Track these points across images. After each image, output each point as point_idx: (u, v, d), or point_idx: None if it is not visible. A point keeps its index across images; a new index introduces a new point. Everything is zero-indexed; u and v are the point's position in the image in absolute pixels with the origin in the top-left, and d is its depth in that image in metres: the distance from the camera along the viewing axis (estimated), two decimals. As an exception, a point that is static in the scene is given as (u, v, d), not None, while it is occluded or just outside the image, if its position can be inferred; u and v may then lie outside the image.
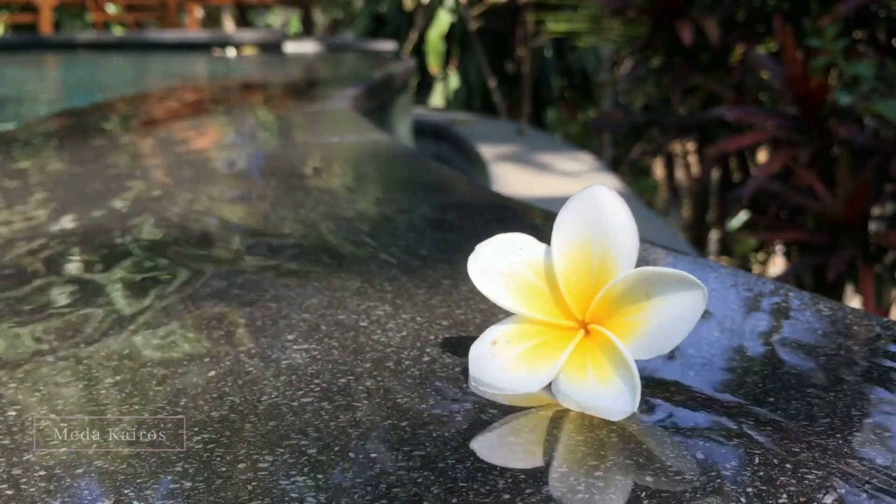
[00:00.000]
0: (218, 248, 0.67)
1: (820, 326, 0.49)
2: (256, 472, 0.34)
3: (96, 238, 0.69)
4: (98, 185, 0.90)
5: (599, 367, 0.38)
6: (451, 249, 0.65)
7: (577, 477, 0.33)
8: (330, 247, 0.66)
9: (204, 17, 6.40)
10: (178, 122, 1.51)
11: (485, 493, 0.32)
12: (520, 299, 0.41)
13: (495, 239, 0.43)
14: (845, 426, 0.37)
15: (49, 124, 1.44)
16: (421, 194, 0.85)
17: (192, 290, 0.57)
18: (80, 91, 2.47)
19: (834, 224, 1.80)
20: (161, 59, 3.37)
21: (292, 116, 1.57)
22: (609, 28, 2.81)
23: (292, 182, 0.91)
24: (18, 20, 5.89)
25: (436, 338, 0.46)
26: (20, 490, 0.33)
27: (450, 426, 0.37)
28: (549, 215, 0.70)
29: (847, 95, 1.79)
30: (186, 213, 0.76)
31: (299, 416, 0.38)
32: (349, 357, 0.44)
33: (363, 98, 1.73)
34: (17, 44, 4.12)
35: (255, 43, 3.68)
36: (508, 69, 4.79)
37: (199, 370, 0.43)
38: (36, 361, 0.45)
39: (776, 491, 0.32)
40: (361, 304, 0.52)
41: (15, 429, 0.37)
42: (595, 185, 0.41)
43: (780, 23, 1.97)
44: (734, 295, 0.54)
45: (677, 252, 0.63)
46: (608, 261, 0.40)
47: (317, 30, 6.40)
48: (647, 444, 0.36)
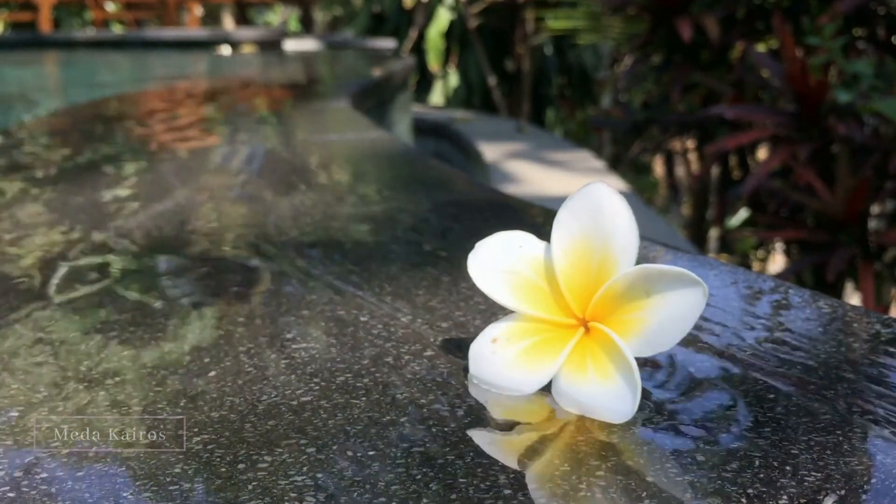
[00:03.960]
0: (216, 246, 0.66)
1: (820, 324, 0.49)
2: (256, 472, 0.34)
3: (88, 236, 0.69)
4: (88, 178, 0.90)
5: (599, 365, 0.38)
6: (450, 247, 0.65)
7: (578, 476, 0.33)
8: (329, 245, 0.66)
9: (203, 16, 6.39)
10: (177, 121, 1.51)
11: (484, 490, 0.32)
12: (520, 297, 0.41)
13: (495, 236, 0.43)
14: (846, 425, 0.37)
15: (47, 123, 1.44)
16: (420, 192, 0.84)
17: (190, 289, 0.57)
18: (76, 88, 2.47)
19: (833, 222, 1.80)
20: (160, 57, 3.37)
21: (291, 114, 1.57)
22: (609, 25, 2.81)
23: (291, 180, 0.91)
24: (18, 18, 5.89)
25: (435, 336, 0.46)
26: (21, 492, 0.33)
27: (449, 424, 0.37)
28: (548, 213, 0.70)
29: (846, 93, 1.79)
30: (184, 211, 0.76)
31: (298, 415, 0.38)
32: (348, 354, 0.44)
33: (363, 96, 1.73)
34: (17, 42, 4.12)
35: (254, 41, 3.67)
36: (508, 67, 4.78)
37: (198, 370, 0.43)
38: (36, 363, 0.45)
39: (776, 492, 0.32)
40: (361, 302, 0.52)
41: (17, 430, 0.37)
42: (595, 182, 0.41)
43: (779, 20, 1.97)
44: (734, 292, 0.54)
45: (677, 250, 0.63)
46: (608, 258, 0.39)
47: (316, 28, 6.40)
48: (648, 444, 0.36)
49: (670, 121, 2.59)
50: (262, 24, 7.14)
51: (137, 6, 5.94)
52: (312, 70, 2.76)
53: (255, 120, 1.48)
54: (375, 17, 4.89)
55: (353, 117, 1.39)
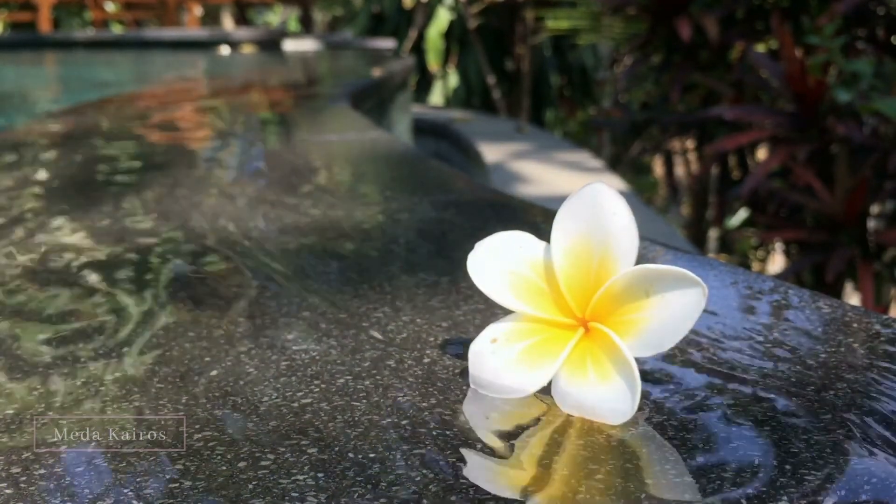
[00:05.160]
0: (217, 247, 0.66)
1: (819, 324, 0.49)
2: (257, 471, 0.34)
3: (90, 237, 0.69)
4: (89, 178, 0.90)
5: (599, 365, 0.38)
6: (450, 247, 0.65)
7: (577, 479, 0.33)
8: (329, 245, 0.66)
9: (203, 16, 6.39)
10: (176, 121, 1.51)
11: (485, 492, 0.32)
12: (519, 297, 0.41)
13: (495, 237, 0.43)
14: (845, 424, 0.37)
15: (46, 124, 1.44)
16: (420, 192, 0.85)
17: (191, 288, 0.57)
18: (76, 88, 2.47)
19: (833, 222, 1.80)
20: (160, 57, 3.37)
21: (291, 114, 1.57)
22: (608, 25, 2.81)
23: (291, 180, 0.91)
24: (17, 18, 5.89)
25: (435, 336, 0.46)
26: (19, 489, 0.33)
27: (450, 425, 0.37)
28: (548, 213, 0.70)
29: (846, 93, 1.79)
30: (184, 212, 0.76)
31: (299, 416, 0.38)
32: (349, 357, 0.44)
33: (362, 96, 1.73)
34: (17, 42, 4.12)
35: (254, 41, 3.67)
36: (508, 67, 4.79)
37: (199, 369, 0.43)
38: (35, 360, 0.45)
39: (776, 492, 0.32)
40: (361, 303, 0.52)
41: (13, 427, 0.37)
42: (594, 182, 0.41)
43: (778, 20, 1.98)
44: (734, 293, 0.54)
45: (677, 250, 0.63)
46: (608, 258, 0.40)
47: (316, 28, 6.40)
48: (647, 445, 0.36)
49: (670, 121, 2.59)
50: (261, 24, 7.14)
51: (137, 6, 5.94)
52: (312, 70, 2.76)
53: (254, 120, 1.48)
54: (375, 17, 4.90)
55: (352, 117, 1.39)
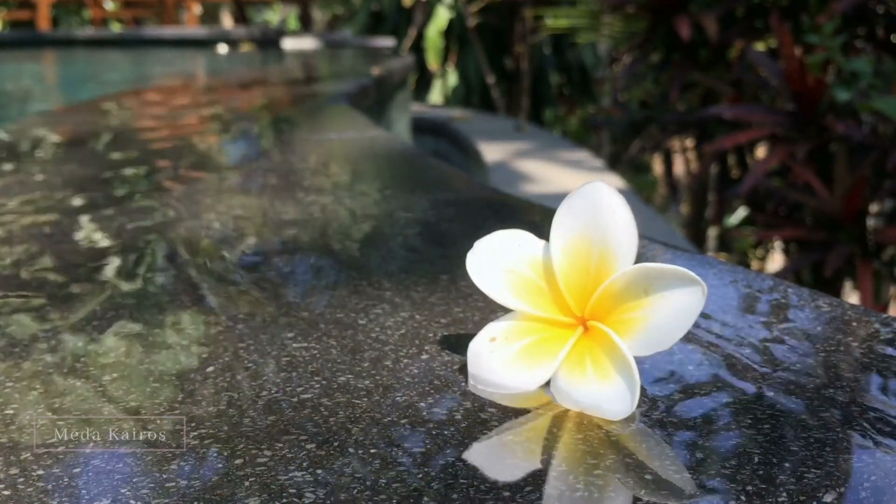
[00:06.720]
0: (215, 245, 0.66)
1: (819, 322, 0.49)
2: (255, 468, 0.34)
3: (85, 233, 0.69)
4: (88, 177, 0.90)
5: (598, 364, 0.38)
6: (449, 246, 0.65)
7: (576, 475, 0.33)
8: (328, 244, 0.66)
9: (202, 14, 6.39)
10: (173, 120, 1.51)
11: (485, 490, 0.32)
12: (518, 296, 0.41)
13: (494, 235, 0.43)
14: (844, 422, 0.37)
15: (45, 121, 1.44)
16: (419, 191, 0.84)
17: (189, 286, 0.57)
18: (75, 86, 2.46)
19: (832, 220, 1.80)
20: (159, 55, 3.36)
21: (290, 113, 1.57)
22: (608, 24, 2.81)
23: (290, 178, 0.91)
24: (16, 17, 5.89)
25: (434, 335, 0.46)
26: (17, 490, 0.33)
27: (449, 423, 0.37)
28: (547, 212, 0.70)
29: (845, 92, 1.79)
30: (183, 210, 0.76)
31: (298, 412, 0.38)
32: (347, 355, 0.44)
33: (362, 95, 1.73)
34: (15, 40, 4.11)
35: (253, 39, 3.67)
36: (507, 66, 4.79)
37: (197, 366, 0.43)
38: (33, 359, 0.45)
39: (776, 489, 0.32)
40: (360, 302, 0.52)
41: (13, 427, 0.37)
42: (594, 181, 0.41)
43: (777, 19, 1.97)
44: (733, 291, 0.54)
45: (676, 248, 0.63)
46: (607, 257, 0.39)
47: (315, 26, 6.40)
48: (646, 442, 0.36)
49: (669, 120, 2.59)
50: (260, 22, 7.14)
51: (136, 4, 5.95)
52: (311, 68, 2.76)
53: (253, 118, 1.48)
54: (374, 16, 4.90)
55: (352, 116, 1.39)
